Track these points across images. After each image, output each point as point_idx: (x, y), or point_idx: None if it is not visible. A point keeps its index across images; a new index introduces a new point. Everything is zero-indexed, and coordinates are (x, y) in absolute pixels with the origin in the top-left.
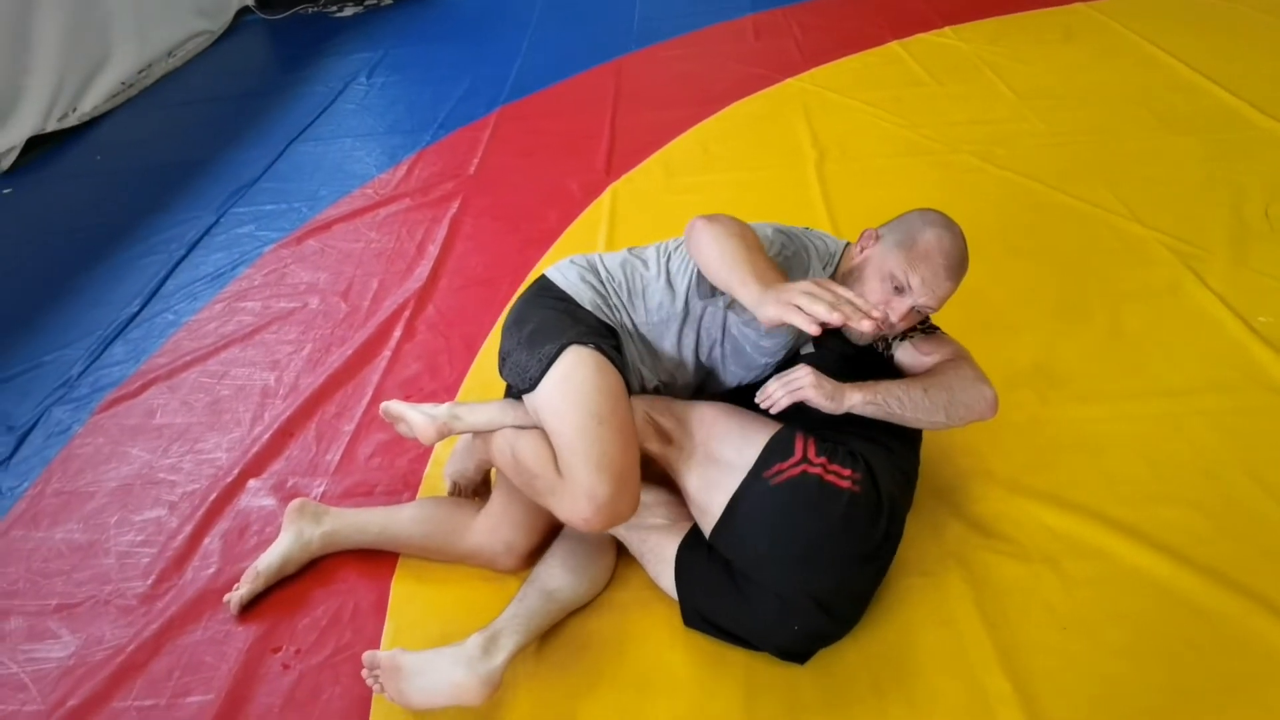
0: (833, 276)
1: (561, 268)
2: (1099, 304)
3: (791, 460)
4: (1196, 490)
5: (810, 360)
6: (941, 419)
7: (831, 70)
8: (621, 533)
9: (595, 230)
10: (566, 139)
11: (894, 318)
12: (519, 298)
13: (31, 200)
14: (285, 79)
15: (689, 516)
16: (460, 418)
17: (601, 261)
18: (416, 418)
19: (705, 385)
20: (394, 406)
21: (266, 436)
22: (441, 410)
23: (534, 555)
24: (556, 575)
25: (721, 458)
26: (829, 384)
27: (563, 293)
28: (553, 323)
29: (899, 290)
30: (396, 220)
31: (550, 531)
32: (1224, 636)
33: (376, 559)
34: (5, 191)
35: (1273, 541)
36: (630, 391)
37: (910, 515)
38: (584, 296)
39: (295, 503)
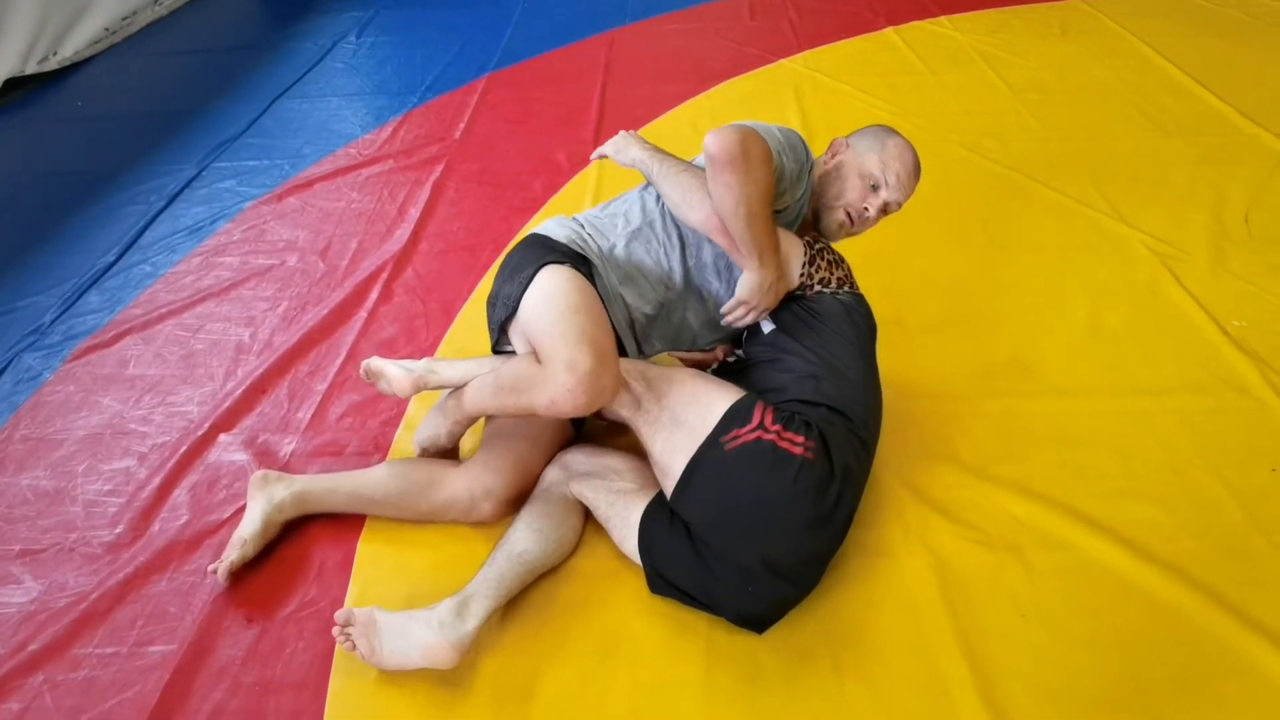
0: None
1: (546, 223)
2: (1078, 299)
3: (749, 426)
4: (1164, 487)
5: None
6: (674, 194)
7: (825, 54)
8: (588, 496)
9: (580, 201)
10: (555, 108)
11: (871, 212)
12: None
13: (7, 144)
14: (274, 34)
15: (656, 483)
16: (437, 371)
17: (581, 214)
18: (394, 371)
19: (698, 307)
20: (373, 362)
21: (239, 392)
22: (419, 364)
23: (514, 504)
24: (524, 538)
25: (685, 422)
26: (623, 140)
27: (543, 237)
28: (532, 255)
29: (875, 188)
30: (379, 181)
31: (531, 479)
32: (1182, 631)
33: (343, 520)
34: None
35: (1233, 541)
36: (613, 322)
37: (875, 497)
38: (559, 234)
39: (257, 474)
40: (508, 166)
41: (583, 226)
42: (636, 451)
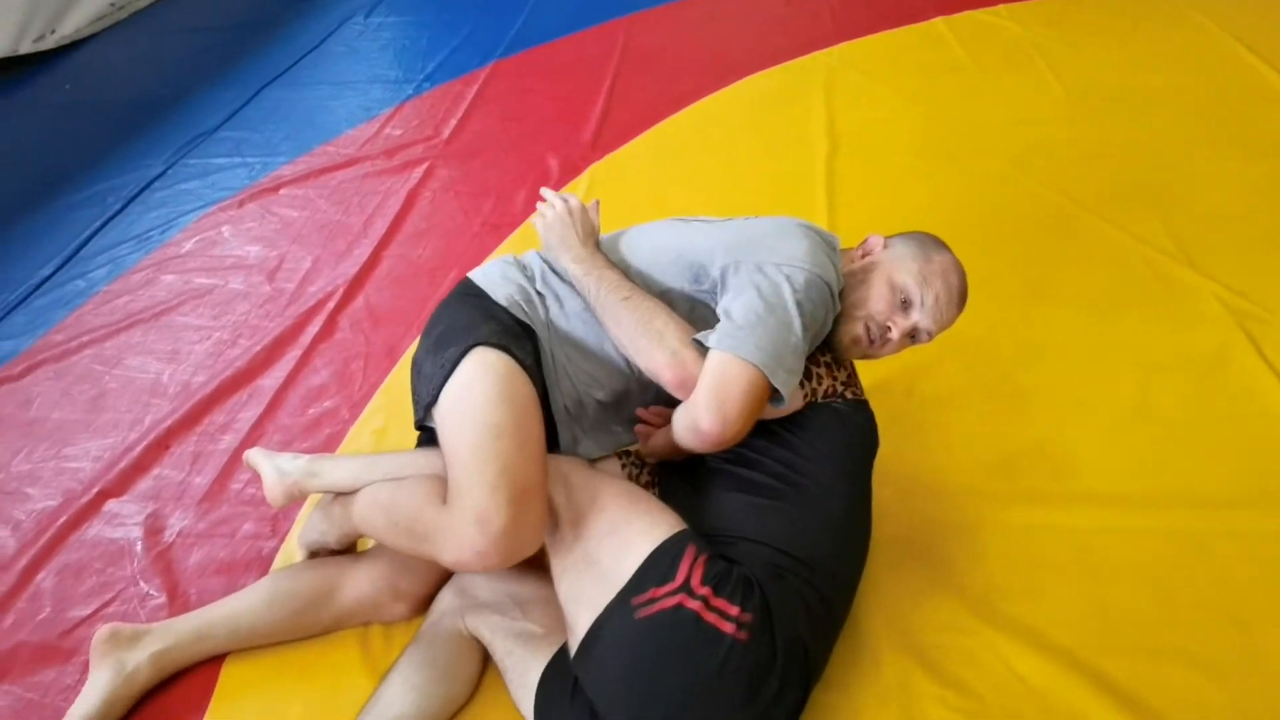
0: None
1: (486, 266)
2: (1127, 371)
3: (670, 586)
4: (1217, 644)
5: None
6: (621, 335)
7: (862, 46)
8: (485, 635)
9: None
10: (557, 104)
11: (895, 334)
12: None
13: None
14: (280, 12)
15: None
16: (318, 474)
17: (528, 255)
18: (267, 472)
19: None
20: (252, 456)
21: (140, 447)
22: (297, 465)
23: (427, 600)
24: (400, 698)
25: (597, 561)
26: (559, 231)
27: (479, 289)
28: (462, 323)
29: (906, 305)
30: (350, 188)
31: (445, 573)
32: None
33: None
34: None
35: None
36: (552, 405)
37: (849, 638)
38: (499, 291)
39: (103, 631)
40: (492, 173)
41: (533, 281)
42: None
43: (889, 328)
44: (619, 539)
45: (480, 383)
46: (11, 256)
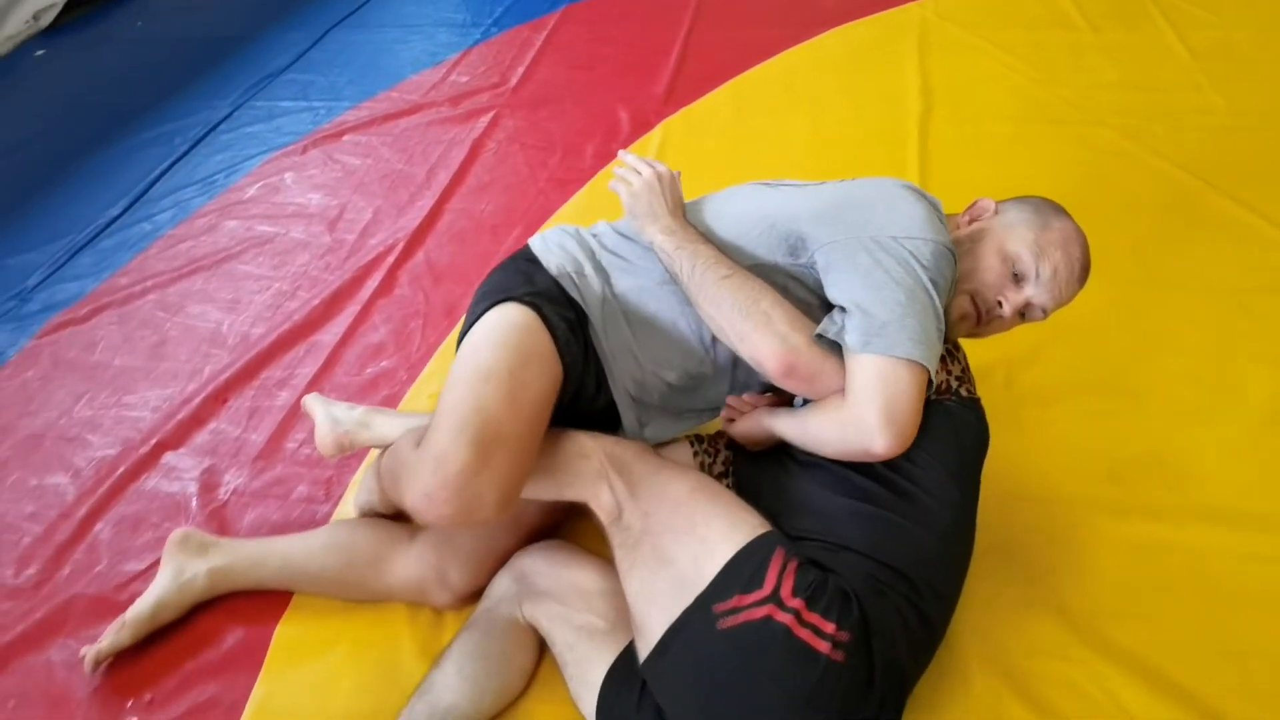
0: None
1: (546, 233)
2: (1257, 371)
3: (757, 594)
4: None
5: None
6: (719, 317)
7: None
8: (544, 625)
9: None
10: (629, 52)
11: (1006, 309)
12: None
13: (58, 67)
14: None
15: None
16: (370, 426)
17: (599, 225)
18: (320, 418)
19: (746, 382)
20: (310, 401)
21: (199, 399)
22: (352, 415)
23: (475, 595)
24: (452, 687)
25: (672, 561)
26: (647, 200)
27: (532, 254)
28: (502, 283)
29: (1018, 278)
30: (414, 135)
31: (499, 563)
32: None
33: (266, 596)
34: (38, 54)
35: None
36: (612, 385)
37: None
38: (551, 260)
39: (177, 533)
40: (560, 124)
41: (593, 255)
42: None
43: (999, 303)
44: (696, 538)
45: (490, 330)
46: (81, 195)
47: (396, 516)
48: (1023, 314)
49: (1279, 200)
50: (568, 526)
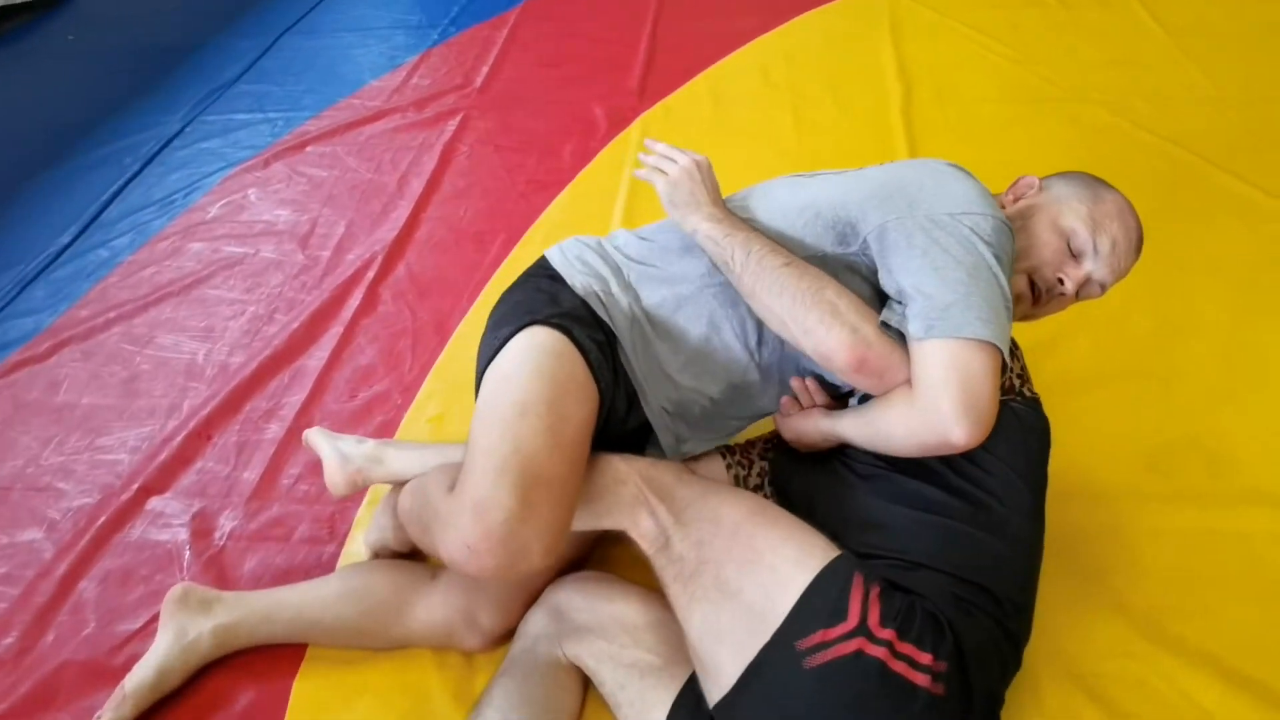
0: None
1: (563, 245)
2: (1278, 347)
3: (843, 627)
4: None
5: None
6: (780, 309)
7: None
8: (590, 665)
9: (618, 173)
10: (596, 47)
11: (1069, 285)
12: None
13: None
14: None
15: (689, 656)
16: (384, 461)
17: (619, 235)
18: (328, 455)
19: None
20: (313, 436)
21: (181, 437)
22: (362, 450)
23: (508, 635)
24: None
25: (739, 593)
26: (688, 189)
27: (554, 270)
28: (525, 304)
29: (1076, 254)
30: (381, 143)
31: (531, 600)
32: None
33: (278, 650)
34: None
35: None
36: (646, 407)
37: None
38: (576, 278)
39: (176, 590)
40: (534, 124)
41: (619, 271)
42: (660, 588)
43: (1060, 280)
44: (764, 567)
45: (520, 357)
46: (27, 222)
47: (412, 554)
48: (1083, 289)
49: (1271, 172)
50: (598, 554)
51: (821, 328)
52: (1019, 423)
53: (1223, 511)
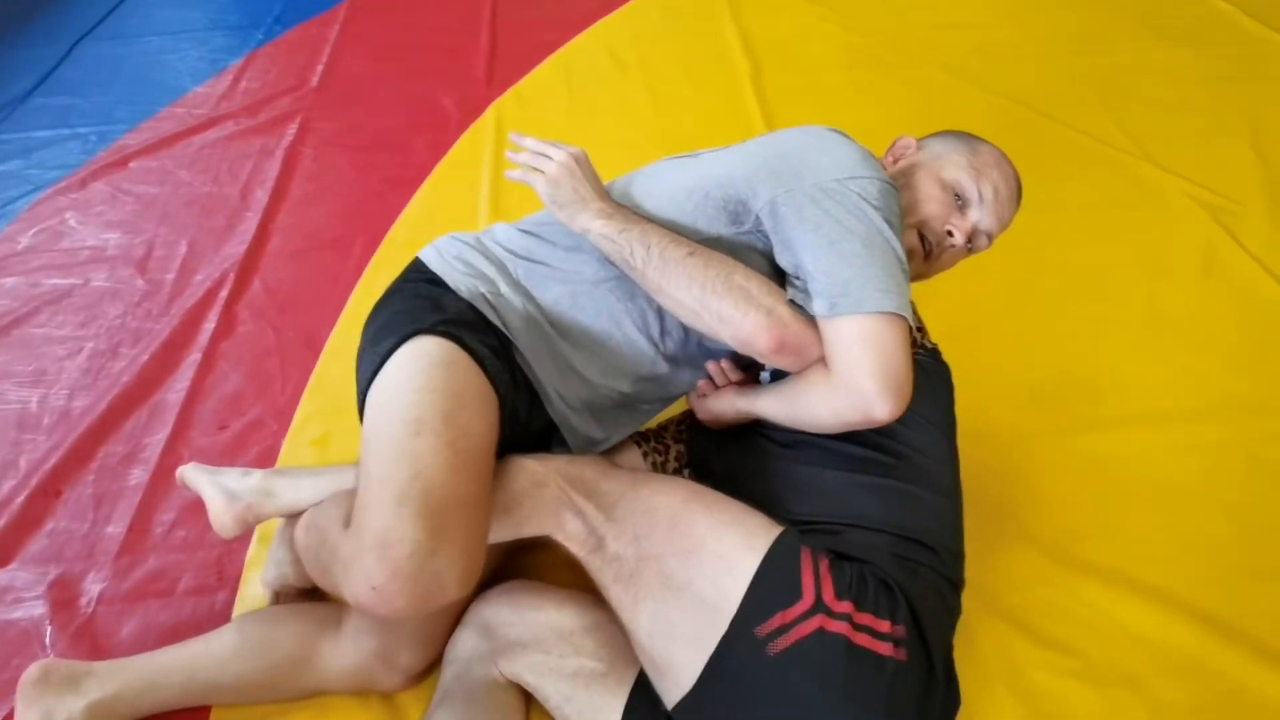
0: None
1: (439, 244)
2: (1129, 280)
3: (800, 607)
4: None
5: None
6: (690, 301)
7: None
8: (530, 681)
9: (478, 163)
10: (436, 37)
11: (958, 237)
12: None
13: None
14: None
15: (631, 655)
16: (275, 493)
17: (497, 230)
18: (211, 494)
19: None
20: (189, 474)
21: (22, 499)
22: (248, 484)
23: (430, 669)
24: None
25: (688, 586)
26: (571, 186)
27: (433, 273)
28: (406, 313)
29: (962, 205)
30: (215, 153)
31: (452, 626)
32: None
33: (176, 715)
34: None
35: None
36: (550, 408)
37: None
38: (458, 279)
39: (32, 671)
40: (380, 121)
41: (504, 268)
42: (593, 588)
43: (949, 232)
44: (710, 555)
45: (406, 370)
46: None
47: (316, 589)
48: (972, 240)
49: (1094, 118)
50: (518, 561)
51: (737, 314)
52: (925, 375)
53: (1105, 435)
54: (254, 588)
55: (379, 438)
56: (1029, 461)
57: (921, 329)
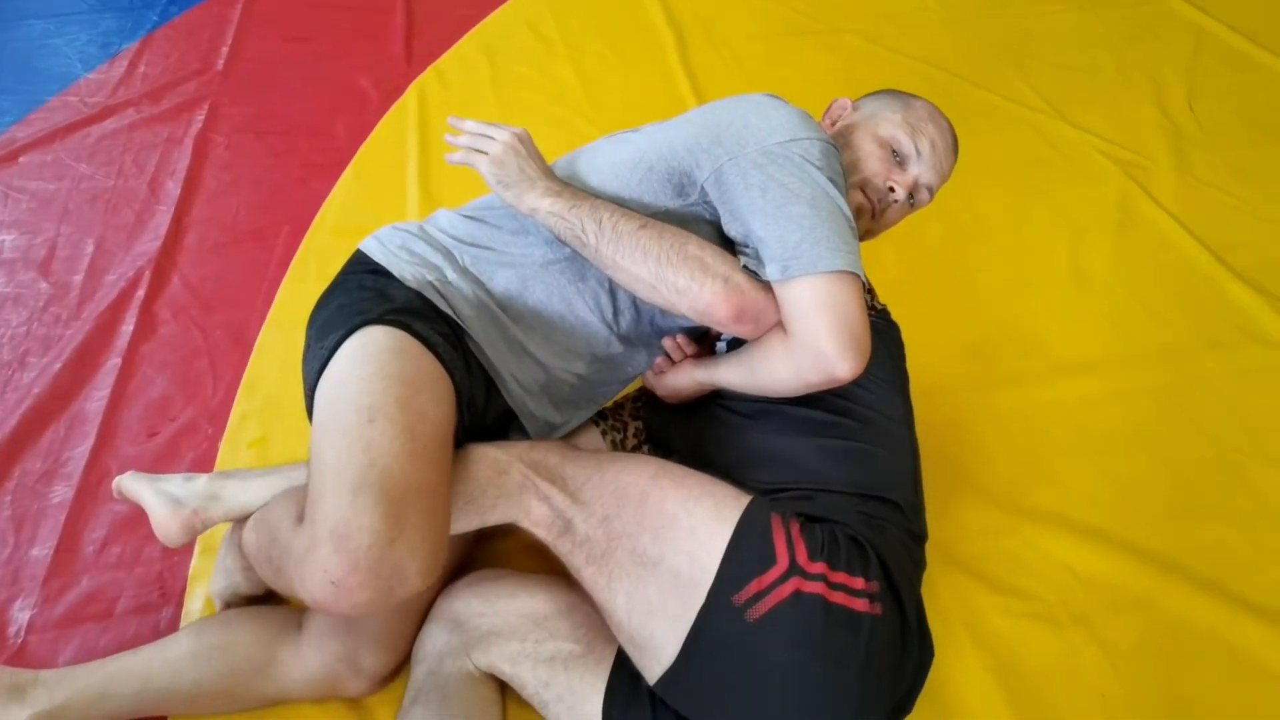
0: None
1: (380, 235)
2: (1052, 237)
3: (775, 571)
4: (1223, 493)
5: None
6: (646, 274)
7: None
8: (506, 671)
9: (403, 144)
10: (348, 16)
11: (900, 192)
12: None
13: None
14: None
15: (608, 633)
16: (222, 497)
17: (440, 217)
18: (153, 503)
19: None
20: (126, 484)
21: None
22: (192, 489)
23: (399, 670)
24: None
25: (661, 562)
26: (516, 166)
27: (376, 264)
28: (351, 306)
29: (901, 160)
30: (117, 143)
31: (419, 625)
32: None
33: None
34: None
35: None
36: (507, 394)
37: None
38: (404, 268)
39: None
40: (296, 105)
41: (451, 257)
42: (562, 571)
43: (891, 188)
44: (682, 530)
45: (356, 359)
46: None
47: (269, 597)
48: (913, 196)
49: (1007, 79)
50: (483, 551)
51: (695, 285)
52: (878, 336)
53: (1040, 387)
54: (200, 602)
55: (330, 427)
56: (973, 415)
57: (871, 290)
